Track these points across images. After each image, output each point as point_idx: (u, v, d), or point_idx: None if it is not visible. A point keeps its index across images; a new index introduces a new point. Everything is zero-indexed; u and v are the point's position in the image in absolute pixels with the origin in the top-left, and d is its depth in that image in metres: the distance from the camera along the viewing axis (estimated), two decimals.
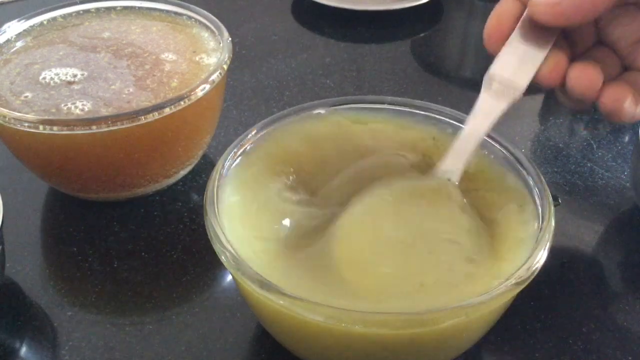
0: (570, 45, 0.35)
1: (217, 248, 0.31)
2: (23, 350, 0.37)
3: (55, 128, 0.39)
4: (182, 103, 0.41)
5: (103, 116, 0.40)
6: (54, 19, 0.51)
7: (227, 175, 0.36)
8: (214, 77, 0.43)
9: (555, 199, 0.34)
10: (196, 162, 0.49)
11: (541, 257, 0.31)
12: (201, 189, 0.48)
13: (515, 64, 0.33)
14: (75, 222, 0.46)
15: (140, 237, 0.44)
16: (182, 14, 0.51)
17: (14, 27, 0.49)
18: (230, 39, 0.47)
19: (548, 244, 0.31)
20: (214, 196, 0.34)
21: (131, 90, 0.43)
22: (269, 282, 0.29)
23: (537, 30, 0.33)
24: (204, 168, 0.50)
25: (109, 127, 0.39)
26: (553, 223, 0.32)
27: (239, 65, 0.64)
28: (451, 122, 0.39)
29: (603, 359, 0.37)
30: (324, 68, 0.64)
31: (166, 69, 0.46)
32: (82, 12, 0.52)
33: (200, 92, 0.42)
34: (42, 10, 0.50)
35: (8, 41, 0.48)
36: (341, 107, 0.40)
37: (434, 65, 0.67)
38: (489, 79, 0.34)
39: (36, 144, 0.41)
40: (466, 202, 0.35)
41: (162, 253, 0.43)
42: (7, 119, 0.39)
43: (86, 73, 0.45)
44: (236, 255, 0.30)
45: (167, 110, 0.41)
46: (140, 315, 0.39)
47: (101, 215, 0.46)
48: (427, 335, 0.29)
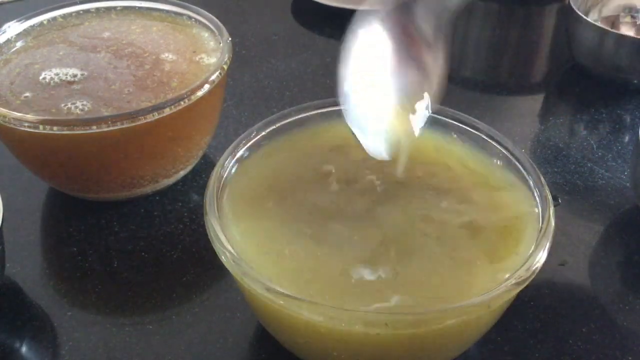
0: None
1: (217, 248, 0.31)
2: (23, 350, 0.37)
3: (55, 128, 0.39)
4: (182, 103, 0.41)
5: (103, 116, 0.40)
6: (54, 19, 0.51)
7: (227, 176, 0.36)
8: (214, 77, 0.43)
9: (555, 199, 0.34)
10: (196, 162, 0.49)
11: (541, 257, 0.31)
12: (201, 189, 0.48)
13: None
14: (75, 222, 0.46)
15: (140, 237, 0.44)
16: (182, 14, 0.51)
17: (14, 27, 0.49)
18: (230, 39, 0.47)
19: (548, 244, 0.31)
20: (214, 196, 0.34)
21: (131, 90, 0.43)
22: (269, 282, 0.29)
23: None
24: (204, 168, 0.50)
25: (109, 127, 0.39)
26: (553, 223, 0.32)
27: (239, 65, 0.63)
28: (451, 122, 0.39)
29: (603, 359, 0.37)
30: (324, 68, 0.64)
31: (166, 69, 0.45)
32: (82, 12, 0.52)
33: (200, 92, 0.42)
34: (42, 10, 0.50)
35: (8, 41, 0.48)
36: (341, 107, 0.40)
37: None
38: None
39: (36, 144, 0.41)
40: (466, 202, 0.36)
41: (162, 253, 0.43)
42: (7, 119, 0.39)
43: (86, 73, 0.45)
44: (236, 255, 0.30)
45: (167, 110, 0.41)
46: (140, 315, 0.39)
47: (101, 215, 0.46)
48: (427, 335, 0.29)
